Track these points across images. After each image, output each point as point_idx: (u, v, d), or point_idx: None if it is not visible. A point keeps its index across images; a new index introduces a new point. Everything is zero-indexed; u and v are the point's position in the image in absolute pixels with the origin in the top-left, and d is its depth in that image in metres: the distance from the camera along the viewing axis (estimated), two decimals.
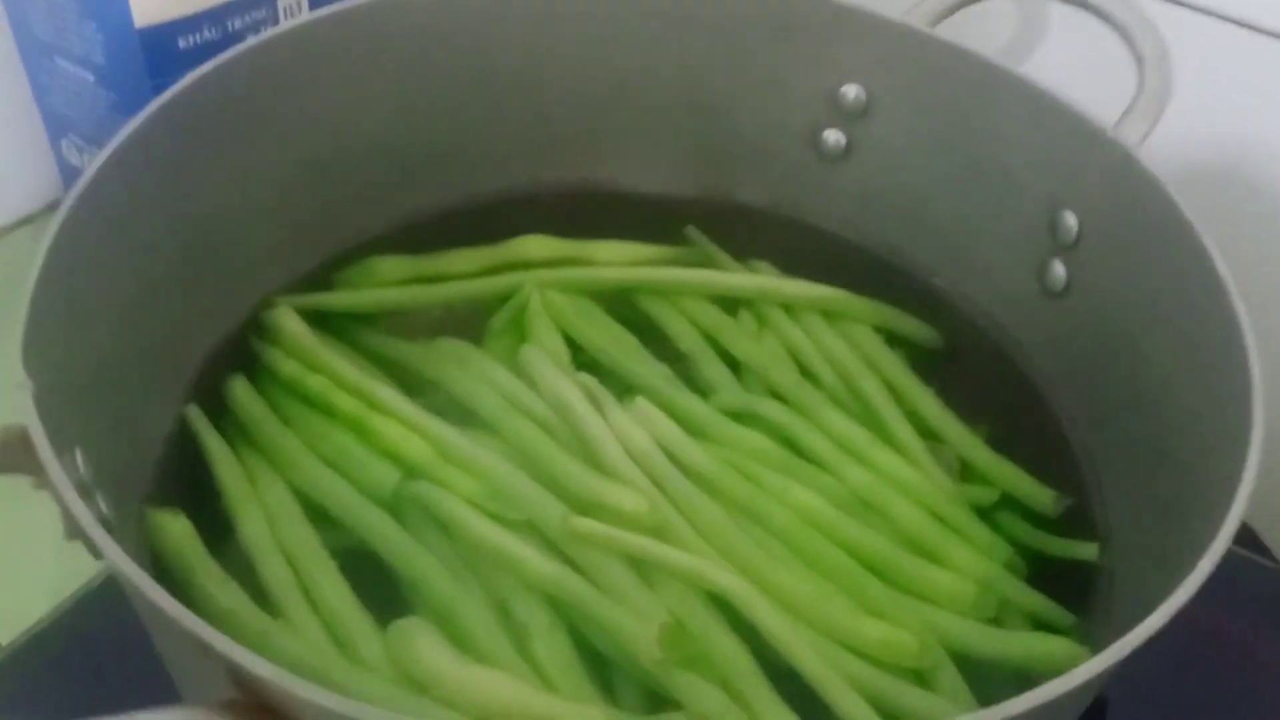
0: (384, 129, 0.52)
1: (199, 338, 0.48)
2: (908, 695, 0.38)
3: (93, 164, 0.39)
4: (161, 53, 0.54)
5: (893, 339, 0.52)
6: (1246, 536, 0.58)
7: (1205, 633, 0.52)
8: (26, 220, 0.64)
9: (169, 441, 0.45)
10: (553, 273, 0.52)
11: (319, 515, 0.43)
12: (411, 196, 0.54)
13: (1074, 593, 0.43)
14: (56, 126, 0.62)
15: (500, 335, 0.51)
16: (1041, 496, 0.46)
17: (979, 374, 0.52)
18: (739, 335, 0.51)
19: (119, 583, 0.31)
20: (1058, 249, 0.49)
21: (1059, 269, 0.49)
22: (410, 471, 0.43)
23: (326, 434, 0.44)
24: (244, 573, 0.40)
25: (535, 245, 0.54)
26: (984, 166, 0.50)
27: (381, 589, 0.41)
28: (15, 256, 0.35)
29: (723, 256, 0.55)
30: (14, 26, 0.59)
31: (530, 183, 0.56)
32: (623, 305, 0.52)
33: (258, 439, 0.45)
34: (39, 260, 0.36)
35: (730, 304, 0.53)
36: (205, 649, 0.27)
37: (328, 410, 0.45)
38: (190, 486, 0.43)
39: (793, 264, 0.54)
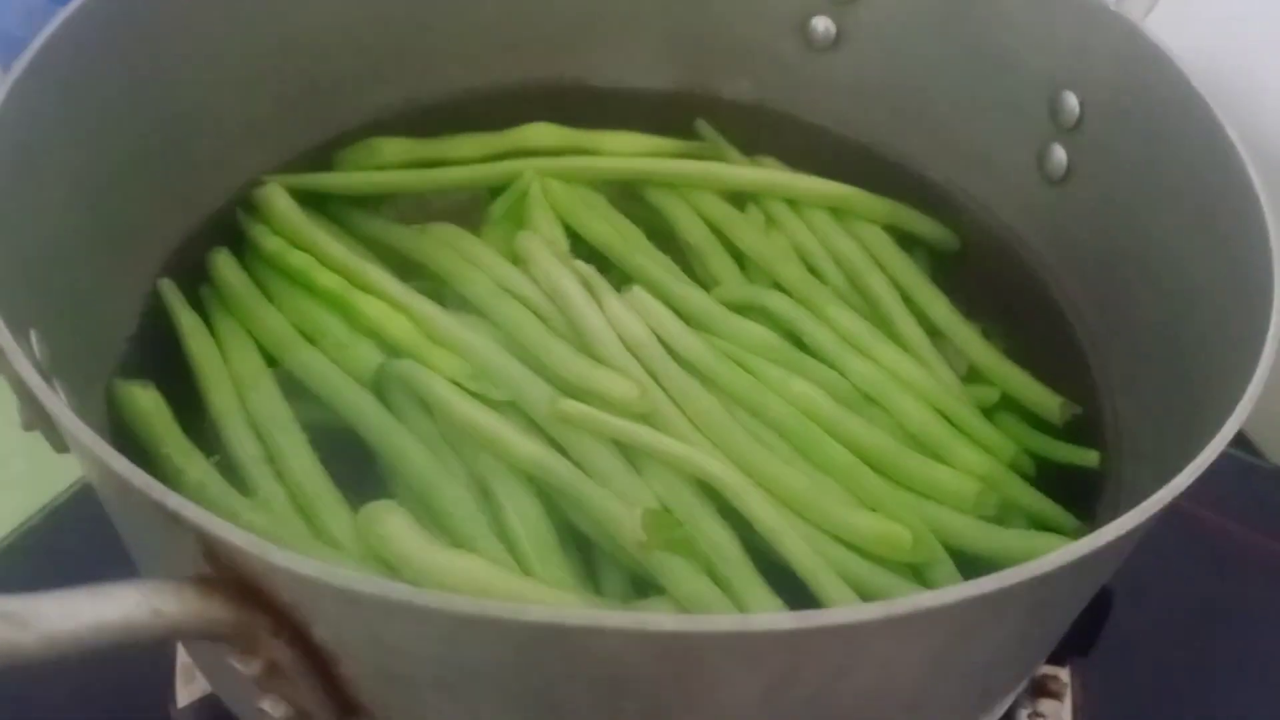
0: (350, 18, 0.49)
1: (176, 216, 0.46)
2: (899, 589, 0.37)
3: (44, 30, 0.37)
4: None
5: (906, 240, 0.50)
6: (1240, 440, 0.57)
7: (1205, 531, 0.52)
8: None
9: (142, 319, 0.43)
10: (555, 161, 0.51)
11: (299, 392, 0.42)
12: (382, 91, 0.52)
13: (1079, 498, 0.42)
14: (9, 49, 0.60)
15: (499, 223, 0.49)
16: (1048, 403, 0.45)
17: (981, 270, 0.51)
18: (746, 229, 0.49)
19: (84, 466, 0.29)
20: (1058, 132, 0.47)
21: (1060, 153, 0.47)
22: (394, 351, 0.42)
23: (309, 312, 0.43)
24: (216, 452, 0.39)
25: (541, 133, 0.52)
26: (981, 50, 0.48)
27: (360, 469, 0.40)
28: None
29: (731, 152, 0.53)
30: None
31: (503, 79, 0.54)
32: (630, 200, 0.51)
33: (238, 312, 0.44)
34: None
35: (739, 201, 0.51)
36: (174, 519, 0.26)
37: (310, 288, 0.44)
38: (164, 364, 0.42)
39: (783, 160, 0.53)
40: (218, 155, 0.47)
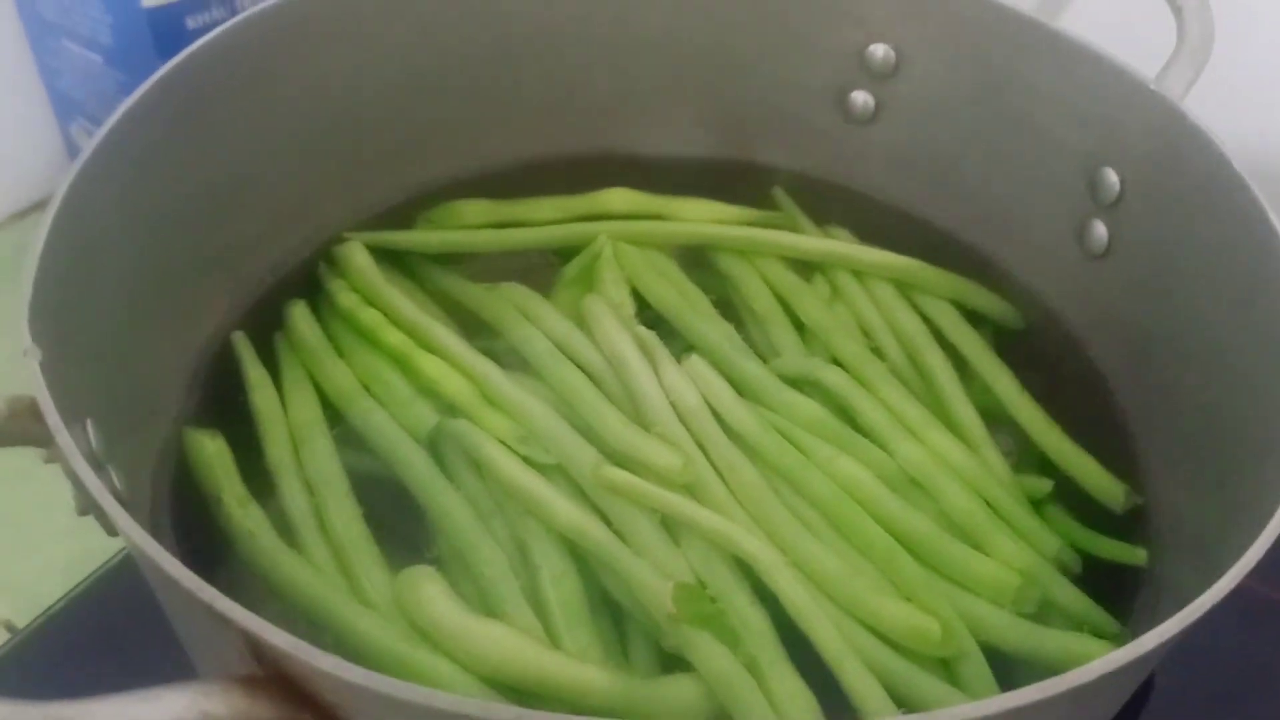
0: (391, 97, 0.51)
1: (221, 300, 0.47)
2: (924, 683, 0.37)
3: (99, 131, 0.39)
4: (170, 32, 0.53)
5: (974, 317, 0.50)
6: None
7: (1252, 599, 0.51)
8: (38, 206, 0.63)
9: (213, 366, 0.46)
10: (627, 225, 0.52)
11: (358, 443, 0.43)
12: (422, 167, 0.53)
13: (1119, 589, 0.41)
14: (65, 110, 0.61)
15: (570, 285, 0.50)
16: (1111, 490, 0.44)
17: (1022, 345, 0.50)
18: (810, 300, 0.50)
19: (134, 560, 0.30)
20: (1098, 208, 0.47)
21: (1100, 229, 0.47)
22: (451, 409, 0.43)
23: (375, 367, 0.45)
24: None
25: (618, 198, 0.54)
26: (1018, 125, 0.48)
27: (414, 519, 0.41)
28: (25, 241, 0.35)
29: (804, 221, 0.54)
30: (20, 7, 0.58)
31: (545, 150, 0.55)
32: (701, 267, 0.52)
33: (308, 363, 0.46)
34: (45, 226, 0.35)
35: (808, 270, 0.52)
36: (222, 620, 0.26)
37: (377, 344, 0.46)
38: (232, 409, 0.44)
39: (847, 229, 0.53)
40: (275, 222, 0.49)
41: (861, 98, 0.52)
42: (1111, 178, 0.46)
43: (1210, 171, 0.41)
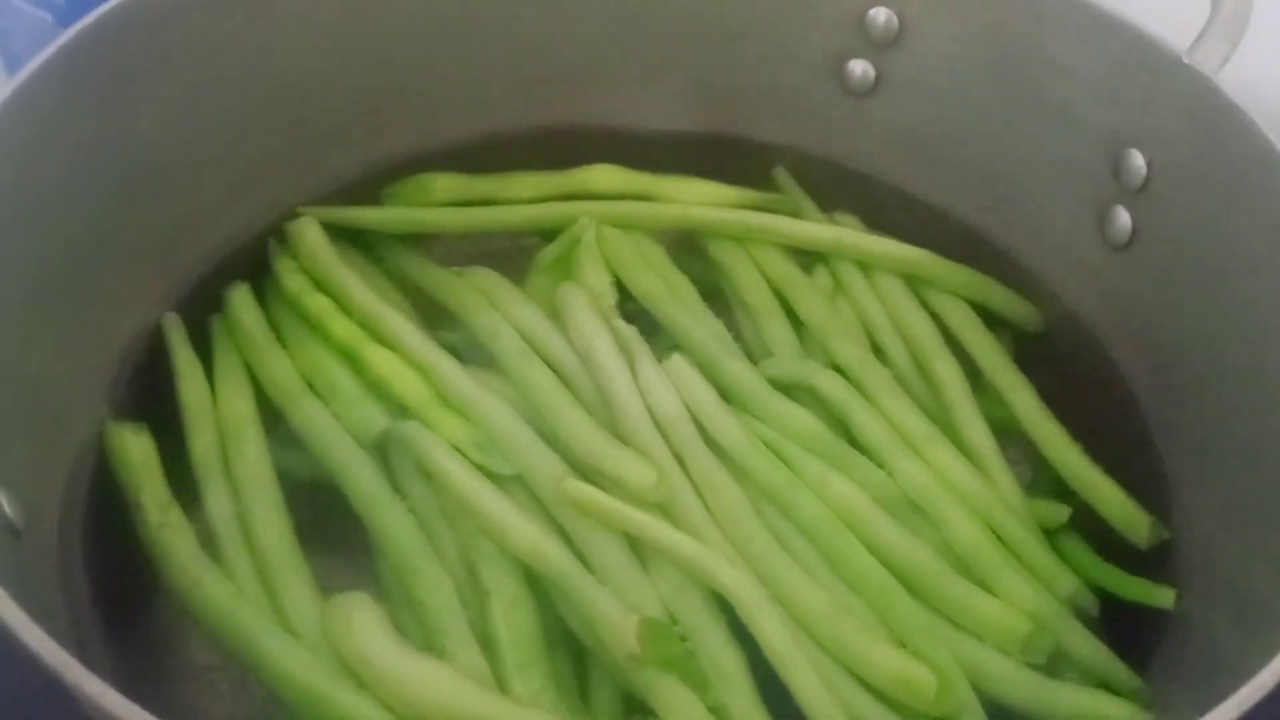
0: (346, 65, 0.46)
1: (153, 287, 0.43)
2: None
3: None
4: None
5: (990, 318, 0.46)
6: None
7: None
8: None
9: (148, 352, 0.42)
10: (611, 206, 0.48)
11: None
12: (384, 139, 0.48)
13: (1142, 638, 0.37)
14: (16, 71, 0.58)
15: (546, 271, 0.46)
16: (1135, 522, 0.39)
17: (1036, 345, 0.46)
18: (809, 295, 0.46)
19: None
20: (1122, 194, 0.42)
21: (1124, 217, 0.43)
22: (402, 411, 0.39)
23: (320, 361, 0.41)
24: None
25: (603, 176, 0.49)
26: (1035, 101, 0.44)
27: (350, 538, 0.37)
28: None
29: (808, 205, 0.49)
30: None
31: (517, 122, 0.50)
32: (692, 253, 0.48)
33: (246, 352, 0.42)
34: None
35: (809, 260, 0.47)
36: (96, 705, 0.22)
37: (323, 335, 0.42)
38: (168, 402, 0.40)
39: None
40: (221, 197, 0.45)
41: (860, 67, 0.48)
42: (1138, 160, 0.41)
43: (1248, 153, 0.37)
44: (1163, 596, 0.37)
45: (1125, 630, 0.37)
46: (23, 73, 0.36)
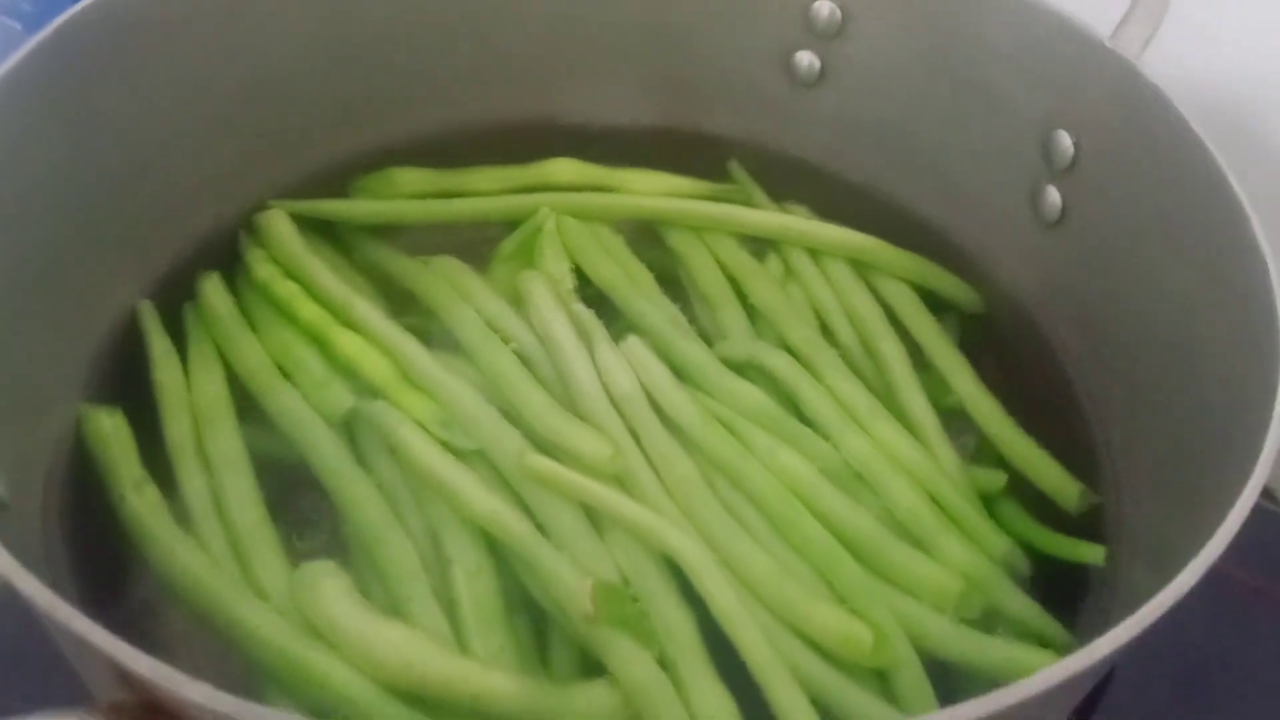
0: (312, 62, 0.48)
1: (129, 277, 0.45)
2: (855, 697, 0.35)
3: None
4: None
5: (936, 302, 0.48)
6: None
7: (1215, 582, 0.50)
8: None
9: (123, 339, 0.43)
10: (571, 197, 0.49)
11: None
12: (350, 134, 0.50)
13: (1071, 589, 0.39)
14: None
15: (508, 260, 0.48)
16: (1066, 489, 0.41)
17: (973, 324, 0.48)
18: (761, 280, 0.47)
19: None
20: (1052, 173, 0.45)
21: (1054, 195, 0.45)
22: (369, 391, 0.41)
23: (289, 345, 0.42)
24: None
25: (563, 169, 0.51)
26: (970, 86, 0.46)
27: (319, 513, 0.39)
28: None
29: (759, 196, 0.51)
30: None
31: (481, 118, 0.52)
32: (650, 243, 0.49)
33: (218, 339, 0.43)
34: None
35: (762, 248, 0.49)
36: (82, 643, 0.24)
37: (292, 319, 0.43)
38: (143, 386, 0.42)
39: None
40: (193, 191, 0.46)
41: (807, 59, 0.50)
42: (1065, 141, 0.44)
43: (1168, 132, 0.39)
44: (1092, 554, 0.39)
45: (1062, 590, 0.39)
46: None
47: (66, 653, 0.30)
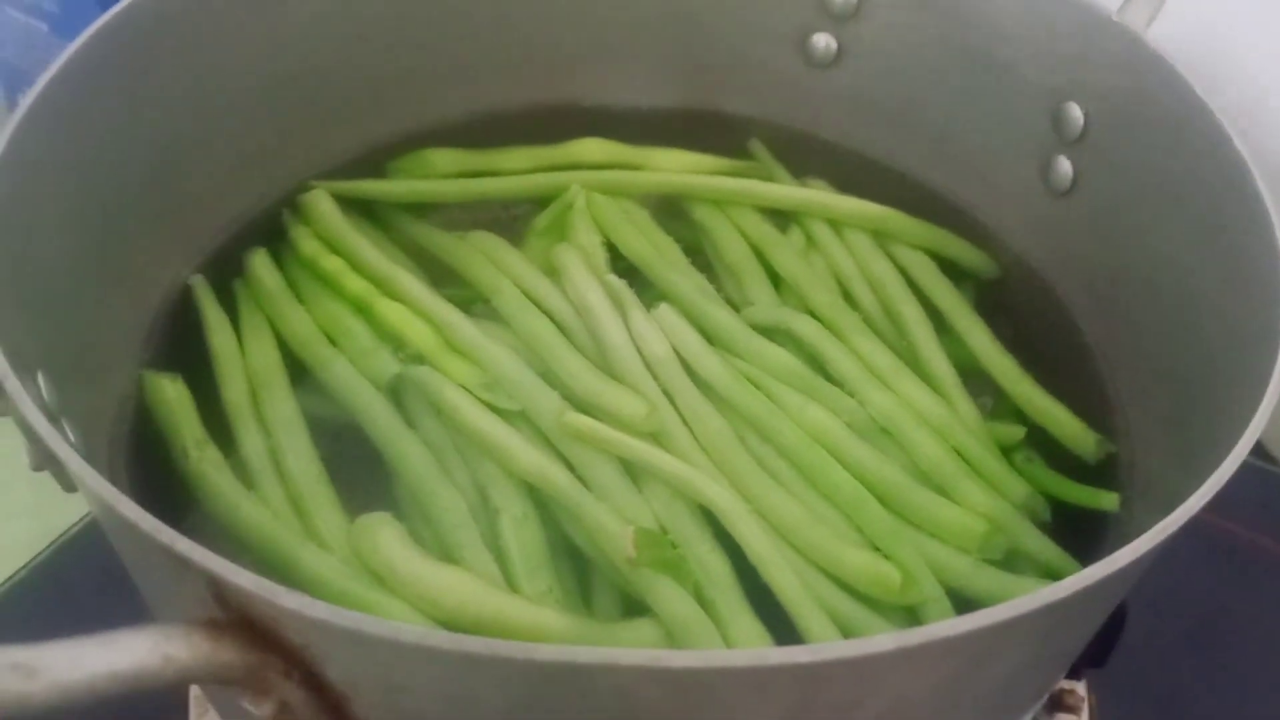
0: (348, 48, 0.50)
1: (180, 251, 0.47)
2: (883, 629, 0.36)
3: (38, 82, 0.38)
4: None
5: (953, 269, 0.49)
6: (1258, 449, 0.57)
7: (1221, 539, 0.52)
8: None
9: (177, 310, 0.45)
10: (599, 175, 0.51)
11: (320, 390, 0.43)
12: (385, 118, 0.52)
13: (1092, 536, 0.41)
14: (11, 80, 0.60)
15: (541, 235, 0.50)
16: (1084, 440, 0.43)
17: (991, 287, 0.50)
18: (784, 251, 0.49)
19: (94, 527, 0.29)
20: (1062, 144, 0.47)
21: (1065, 165, 0.47)
22: (414, 357, 0.43)
23: (337, 315, 0.44)
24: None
25: (591, 148, 0.53)
26: (982, 62, 0.48)
27: (370, 470, 0.41)
28: None
29: (780, 171, 0.53)
30: None
31: (510, 101, 0.54)
32: (676, 217, 0.51)
33: (267, 310, 0.45)
34: None
35: (784, 221, 0.51)
36: (182, 563, 0.26)
37: (339, 291, 0.45)
38: (199, 356, 0.44)
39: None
40: (236, 172, 0.48)
41: (823, 40, 0.52)
42: (1075, 112, 0.45)
43: (1174, 101, 0.41)
44: (1107, 500, 0.41)
45: (1082, 537, 0.41)
46: (53, 65, 0.38)
47: (149, 581, 0.31)
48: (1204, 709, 0.47)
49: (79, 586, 0.47)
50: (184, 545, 0.25)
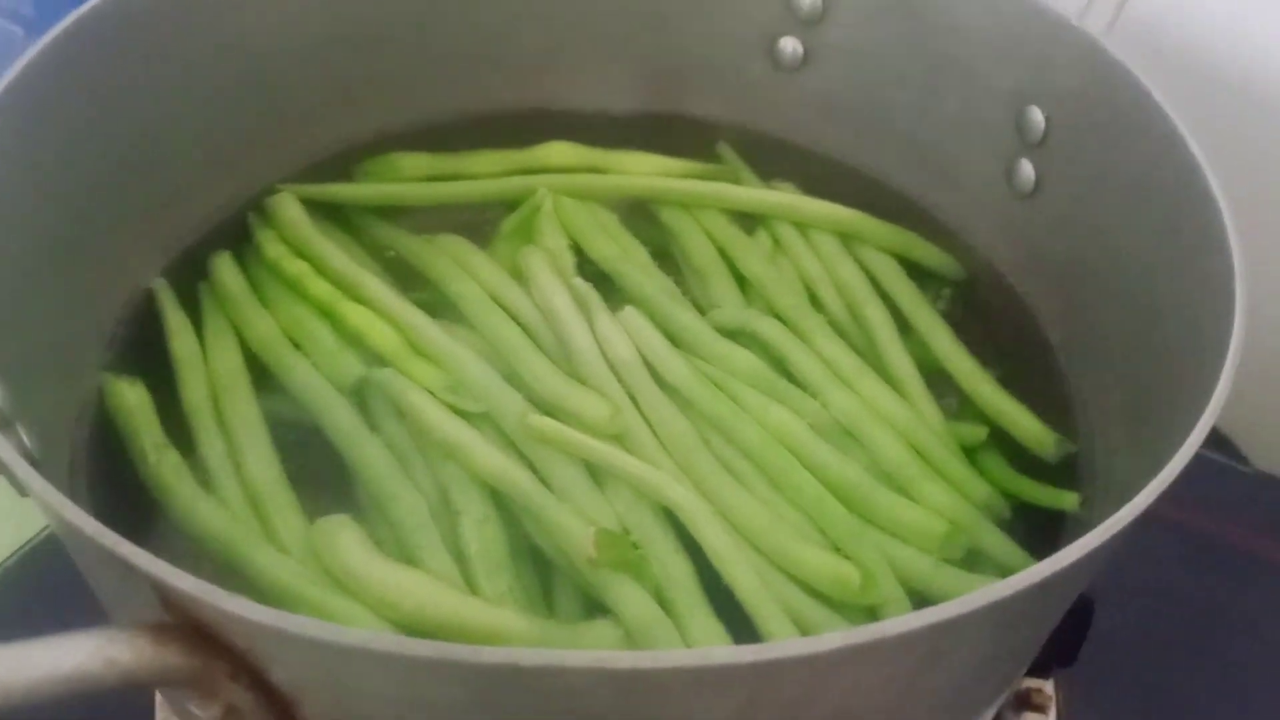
0: (313, 51, 0.49)
1: (144, 254, 0.46)
2: (840, 629, 0.37)
3: (4, 77, 0.38)
4: None
5: (921, 271, 0.50)
6: (1223, 444, 0.57)
7: (1188, 535, 0.52)
8: None
9: (139, 316, 0.45)
10: (567, 178, 0.51)
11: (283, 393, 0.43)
12: (351, 120, 0.52)
13: (1053, 537, 0.41)
14: None
15: (509, 238, 0.50)
16: (1043, 439, 0.43)
17: (952, 284, 0.50)
18: (751, 254, 0.49)
19: (43, 512, 0.29)
20: (1025, 147, 0.47)
21: (1027, 168, 0.47)
22: (378, 360, 0.43)
23: (301, 318, 0.44)
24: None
25: (560, 151, 0.53)
26: (946, 66, 0.48)
27: (332, 473, 0.41)
28: None
29: (747, 175, 0.53)
30: None
31: (478, 105, 0.54)
32: (644, 220, 0.51)
33: (231, 313, 0.45)
34: None
35: (752, 224, 0.51)
36: (127, 566, 0.25)
37: (303, 295, 0.45)
38: (161, 360, 0.44)
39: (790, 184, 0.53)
40: (202, 174, 0.48)
41: (790, 44, 0.52)
42: (1037, 116, 0.46)
43: (1132, 105, 0.41)
44: (1067, 500, 0.41)
45: (1045, 538, 0.41)
46: (18, 63, 0.38)
47: (100, 585, 0.31)
48: (1174, 707, 0.47)
49: (53, 589, 0.47)
50: (127, 549, 0.25)
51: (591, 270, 0.48)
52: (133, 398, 0.41)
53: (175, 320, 0.44)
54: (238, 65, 0.47)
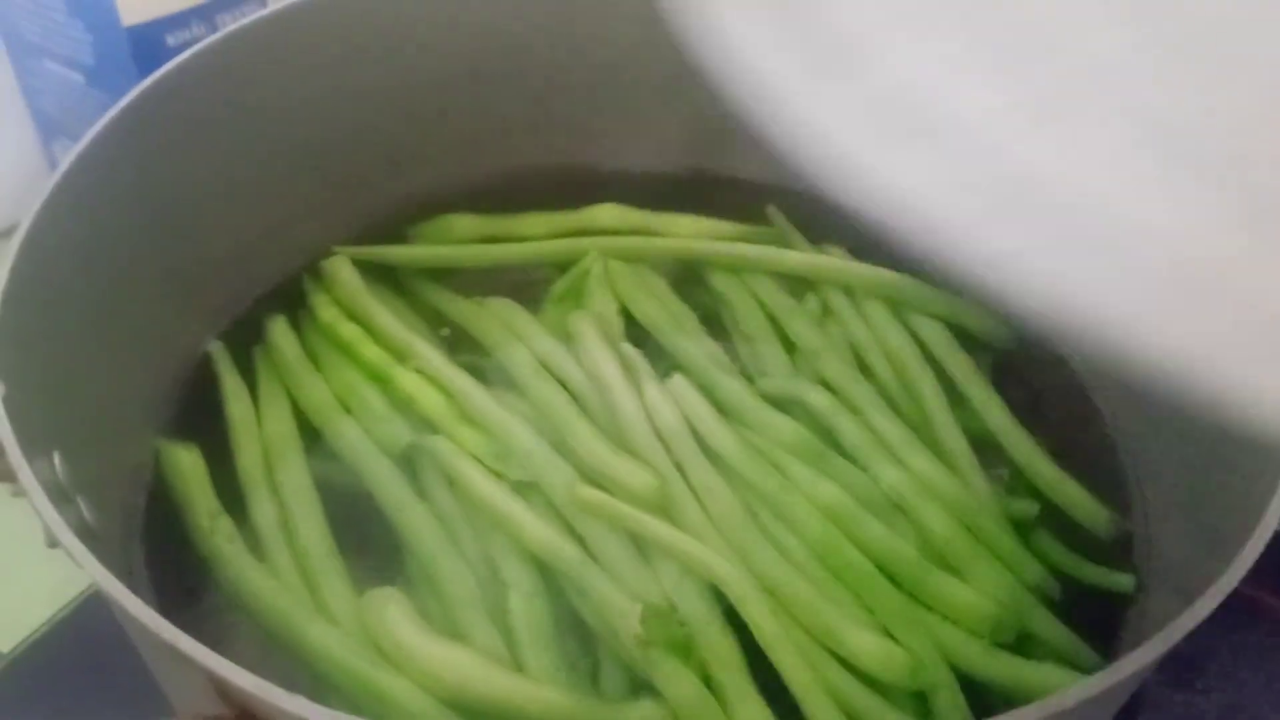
0: (368, 115, 0.51)
1: (200, 317, 0.48)
2: (888, 717, 0.36)
3: (71, 152, 0.39)
4: (150, 51, 0.52)
5: (970, 338, 0.49)
6: None
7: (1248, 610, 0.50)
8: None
9: (195, 379, 0.46)
10: (616, 240, 0.52)
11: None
12: (404, 183, 0.53)
13: (1109, 625, 0.40)
14: (48, 129, 0.61)
15: (559, 301, 0.50)
16: (1096, 516, 0.43)
17: (1006, 358, 0.49)
18: (799, 319, 0.49)
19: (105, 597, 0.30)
20: None
21: None
22: (427, 426, 0.43)
23: (353, 382, 0.45)
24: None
25: (609, 213, 0.53)
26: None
27: (383, 539, 0.41)
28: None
29: (797, 238, 0.53)
30: (2, 29, 0.58)
31: (528, 166, 0.55)
32: (694, 284, 0.52)
33: (285, 377, 0.46)
34: (11, 252, 0.35)
35: (801, 287, 0.51)
36: (185, 660, 0.26)
37: (355, 359, 0.46)
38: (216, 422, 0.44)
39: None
40: (258, 240, 0.49)
41: None
42: None
43: None
44: (1123, 582, 0.41)
45: (1097, 618, 0.40)
46: (85, 136, 0.39)
47: (156, 670, 0.32)
48: None
49: (99, 642, 0.47)
50: (186, 644, 0.26)
51: (638, 333, 0.48)
52: (188, 464, 0.42)
53: (232, 384, 0.45)
54: (293, 132, 0.48)
